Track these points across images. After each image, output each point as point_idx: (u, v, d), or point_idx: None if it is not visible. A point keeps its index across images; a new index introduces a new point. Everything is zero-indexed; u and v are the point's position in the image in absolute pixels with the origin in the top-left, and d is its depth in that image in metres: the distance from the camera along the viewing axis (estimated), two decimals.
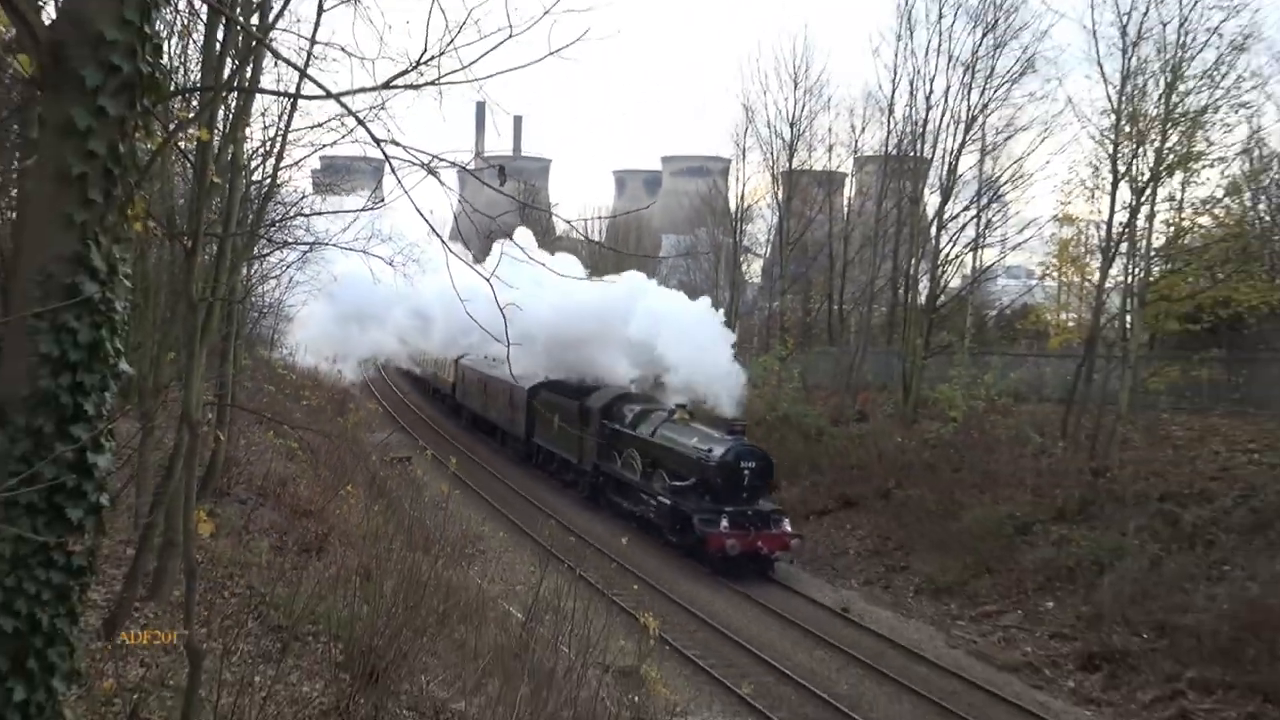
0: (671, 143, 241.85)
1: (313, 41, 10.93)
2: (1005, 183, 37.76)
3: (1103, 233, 30.66)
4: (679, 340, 32.32)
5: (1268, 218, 32.29)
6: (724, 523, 26.86)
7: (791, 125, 43.66)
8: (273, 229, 17.84)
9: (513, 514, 32.72)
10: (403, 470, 30.52)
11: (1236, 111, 28.93)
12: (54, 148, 4.88)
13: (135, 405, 13.00)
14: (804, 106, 43.62)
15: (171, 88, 10.68)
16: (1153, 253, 30.28)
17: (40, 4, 5.52)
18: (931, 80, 37.56)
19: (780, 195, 45.37)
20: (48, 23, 5.02)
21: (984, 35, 36.24)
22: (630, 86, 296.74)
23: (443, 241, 6.14)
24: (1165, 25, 28.19)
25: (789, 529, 27.86)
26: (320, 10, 10.99)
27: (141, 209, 5.69)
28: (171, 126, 9.16)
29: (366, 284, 21.51)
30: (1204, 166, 29.69)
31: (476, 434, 48.41)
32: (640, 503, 31.41)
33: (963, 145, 37.06)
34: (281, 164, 14.92)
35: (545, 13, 6.64)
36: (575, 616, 14.42)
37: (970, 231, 38.39)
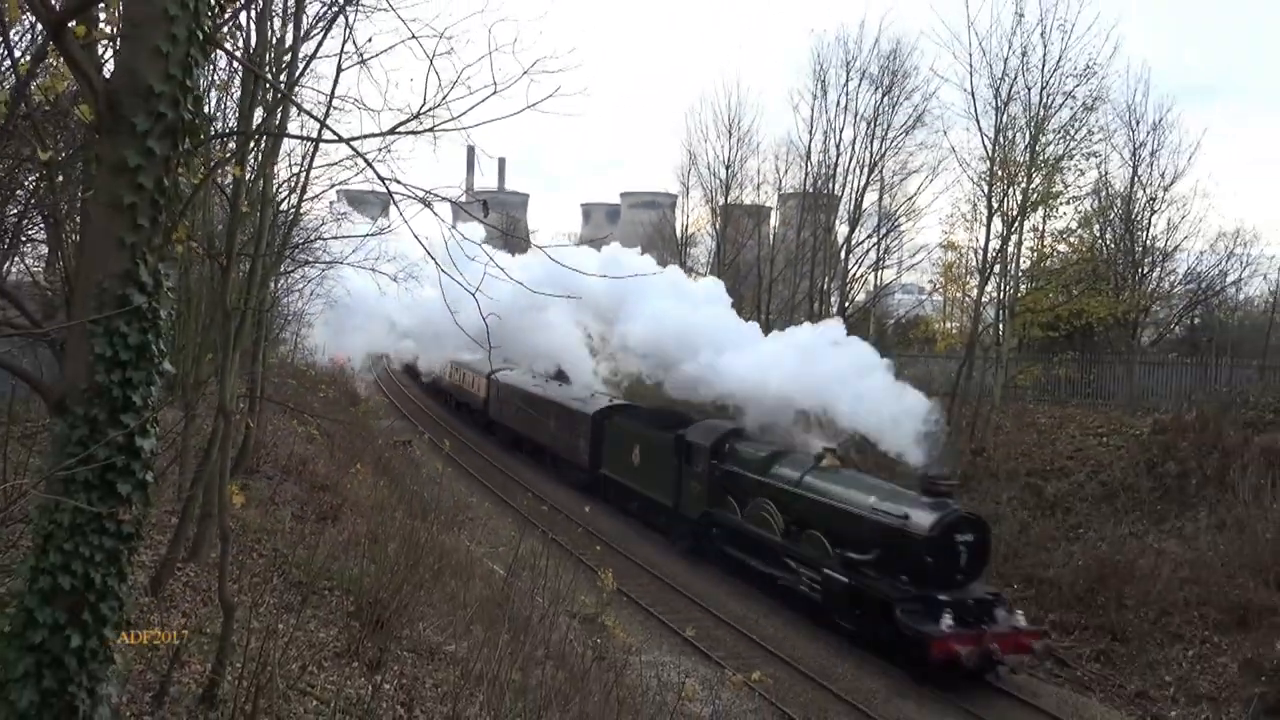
0: (628, 179, 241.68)
1: (331, 95, 10.83)
2: (901, 215, 38.48)
3: (980, 256, 30.99)
4: (813, 368, 22.12)
5: (1112, 245, 32.79)
6: (946, 619, 16.75)
7: (727, 167, 43.61)
8: (297, 250, 17.61)
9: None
10: (405, 452, 30.22)
11: (1087, 159, 29.67)
12: (109, 182, 4.81)
13: (178, 397, 12.82)
14: (737, 152, 43.52)
15: (210, 132, 10.56)
16: (1020, 273, 30.70)
17: (100, 63, 5.42)
18: (841, 131, 37.72)
19: (717, 225, 45.41)
20: (105, 76, 4.95)
21: (883, 96, 36.63)
22: (595, 131, 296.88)
23: (436, 263, 6.08)
24: (1030, 89, 28.66)
25: (1024, 622, 17.63)
26: (339, 70, 10.89)
27: (184, 233, 5.63)
28: (211, 165, 9.04)
29: (372, 295, 21.20)
30: (1062, 203, 30.39)
31: (516, 454, 37.85)
32: (783, 568, 21.04)
33: (866, 184, 37.41)
34: (304, 196, 14.74)
35: (524, 73, 6.65)
36: (548, 573, 14.36)
37: (873, 255, 39.02)
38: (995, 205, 29.50)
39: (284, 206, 15.19)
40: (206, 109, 12.97)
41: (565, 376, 35.64)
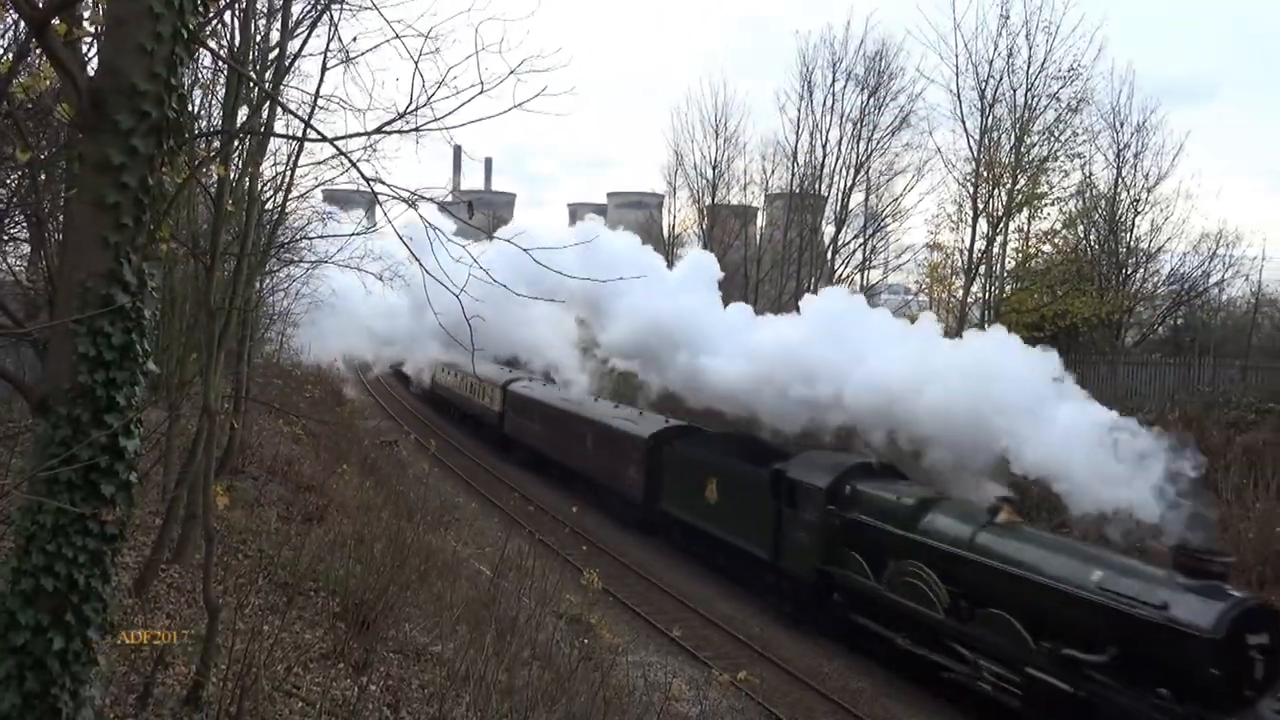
0: (615, 179, 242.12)
1: (316, 94, 10.78)
2: (887, 216, 38.62)
3: (965, 257, 31.13)
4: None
5: (1096, 246, 32.96)
6: None
7: (713, 168, 43.74)
8: (282, 249, 17.53)
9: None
10: (391, 452, 30.10)
11: (1072, 160, 29.87)
12: (92, 180, 4.78)
13: (162, 398, 12.75)
14: (723, 153, 43.67)
15: (194, 131, 10.50)
16: (1005, 274, 30.84)
17: (83, 60, 5.39)
18: (827, 132, 37.91)
19: (704, 225, 45.49)
20: (89, 74, 4.92)
21: (869, 97, 36.85)
22: (583, 132, 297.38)
23: (420, 263, 6.06)
24: (1015, 91, 28.92)
25: None
26: (324, 69, 10.86)
27: (168, 232, 5.60)
28: (195, 163, 8.99)
29: (357, 295, 21.04)
30: (1046, 204, 30.57)
31: (536, 473, 33.86)
32: (953, 656, 16.03)
33: (852, 185, 37.60)
34: (290, 195, 14.67)
35: (511, 72, 6.60)
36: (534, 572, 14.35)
37: (859, 256, 39.18)
38: (980, 206, 29.70)
39: (269, 206, 15.14)
40: (191, 107, 12.92)
41: (550, 377, 34.91)
